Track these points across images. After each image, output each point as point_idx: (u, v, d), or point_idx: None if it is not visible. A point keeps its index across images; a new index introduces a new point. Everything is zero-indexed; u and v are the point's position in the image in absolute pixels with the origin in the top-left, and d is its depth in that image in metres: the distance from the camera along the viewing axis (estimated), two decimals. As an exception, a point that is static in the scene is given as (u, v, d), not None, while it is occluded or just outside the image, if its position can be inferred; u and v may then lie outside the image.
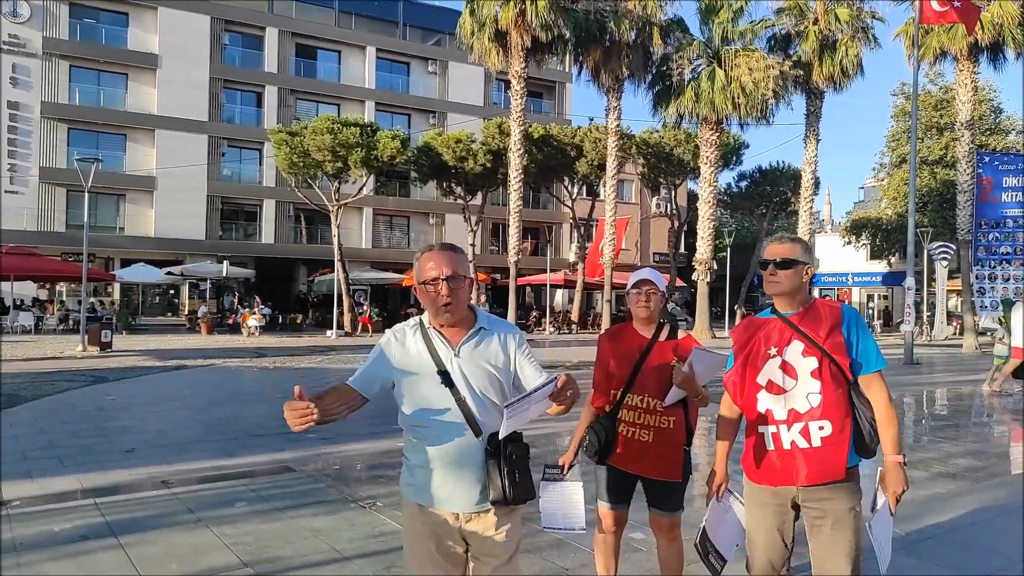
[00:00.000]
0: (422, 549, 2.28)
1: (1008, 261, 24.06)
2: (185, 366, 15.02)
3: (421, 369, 2.25)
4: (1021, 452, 7.62)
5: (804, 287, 2.61)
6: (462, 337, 2.27)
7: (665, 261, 40.37)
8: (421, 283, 2.25)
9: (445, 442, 2.21)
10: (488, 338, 2.30)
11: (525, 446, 2.24)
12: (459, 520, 2.25)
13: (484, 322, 2.33)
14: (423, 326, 2.32)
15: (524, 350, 2.34)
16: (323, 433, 7.88)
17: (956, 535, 4.58)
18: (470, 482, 2.22)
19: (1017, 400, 11.49)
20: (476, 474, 2.22)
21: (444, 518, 2.25)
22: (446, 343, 2.27)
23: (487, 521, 2.25)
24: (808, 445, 2.48)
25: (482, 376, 2.25)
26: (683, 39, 27.94)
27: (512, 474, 2.16)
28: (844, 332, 2.53)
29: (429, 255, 2.25)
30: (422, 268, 2.24)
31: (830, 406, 2.48)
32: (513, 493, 2.16)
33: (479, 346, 2.28)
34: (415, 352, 2.28)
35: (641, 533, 4.12)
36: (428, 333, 2.29)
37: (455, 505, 2.24)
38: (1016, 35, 23.31)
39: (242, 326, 26.22)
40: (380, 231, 38.36)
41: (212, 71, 33.94)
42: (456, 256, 2.26)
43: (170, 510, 4.93)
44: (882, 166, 44.89)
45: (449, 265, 2.21)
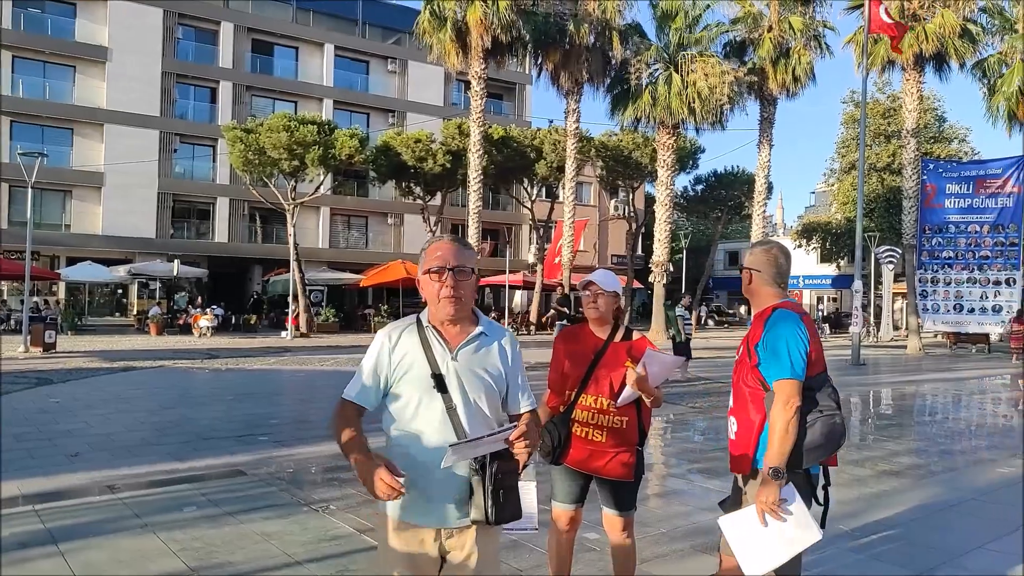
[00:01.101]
0: (398, 565, 2.13)
1: (950, 265, 24.94)
2: (133, 367, 14.62)
3: (413, 371, 2.10)
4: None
5: (749, 292, 2.83)
6: (462, 339, 2.14)
7: (622, 263, 40.77)
8: (425, 272, 2.13)
9: (430, 452, 2.05)
10: (488, 344, 2.18)
11: (514, 463, 2.06)
12: (438, 537, 2.11)
13: (485, 327, 2.20)
14: (420, 324, 2.17)
15: (520, 366, 2.25)
16: (276, 436, 7.77)
17: (900, 531, 4.73)
18: (452, 497, 2.08)
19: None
20: (459, 489, 2.07)
21: (422, 535, 2.11)
22: (444, 344, 2.13)
23: (467, 539, 2.11)
24: (730, 437, 2.77)
25: (477, 384, 2.12)
26: (641, 44, 28.26)
27: (496, 493, 2.02)
28: (760, 341, 2.62)
29: (437, 244, 2.15)
30: (428, 257, 2.13)
31: (740, 407, 2.67)
32: (496, 513, 2.02)
33: (478, 351, 2.15)
34: (409, 352, 2.12)
35: (595, 533, 4.15)
36: (425, 332, 2.14)
37: (434, 521, 2.09)
38: (958, 46, 24.19)
39: (193, 327, 25.65)
40: (337, 231, 37.91)
41: (164, 65, 33.11)
42: (463, 248, 2.15)
43: (115, 516, 4.79)
44: (832, 172, 46.20)
45: (457, 256, 2.11)
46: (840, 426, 2.57)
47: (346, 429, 2.09)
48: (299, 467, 6.33)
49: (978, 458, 7.35)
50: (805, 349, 2.55)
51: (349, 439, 2.07)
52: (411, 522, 2.11)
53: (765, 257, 2.76)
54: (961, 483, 6.19)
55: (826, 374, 2.66)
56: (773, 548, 2.53)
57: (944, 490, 5.88)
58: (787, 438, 2.48)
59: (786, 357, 2.54)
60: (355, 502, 5.07)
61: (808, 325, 2.63)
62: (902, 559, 4.20)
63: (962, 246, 24.82)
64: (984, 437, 8.85)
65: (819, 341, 2.66)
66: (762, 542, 2.53)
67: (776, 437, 2.49)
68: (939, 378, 15.89)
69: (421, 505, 2.09)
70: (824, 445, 2.55)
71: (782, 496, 2.50)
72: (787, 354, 2.54)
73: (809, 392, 2.57)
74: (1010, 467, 6.83)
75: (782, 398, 2.51)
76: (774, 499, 2.49)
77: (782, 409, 2.49)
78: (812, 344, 2.59)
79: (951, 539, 4.61)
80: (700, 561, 4.11)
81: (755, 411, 2.62)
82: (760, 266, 2.76)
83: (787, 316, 2.62)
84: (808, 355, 2.56)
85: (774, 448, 2.49)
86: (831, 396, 2.60)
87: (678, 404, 10.60)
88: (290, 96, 36.27)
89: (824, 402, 2.58)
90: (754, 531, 2.54)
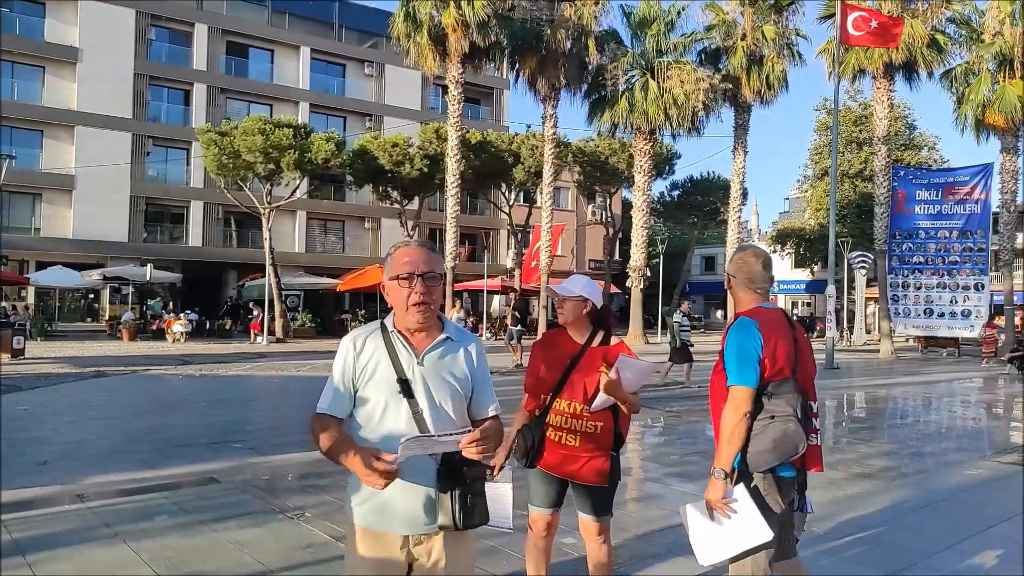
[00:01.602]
0: (365, 573, 2.11)
1: (920, 270, 25.39)
2: (104, 373, 14.38)
3: (379, 376, 2.08)
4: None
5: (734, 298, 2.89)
6: (428, 344, 2.11)
7: (600, 268, 40.97)
8: (393, 278, 2.08)
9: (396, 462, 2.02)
10: (454, 350, 2.16)
11: (483, 468, 2.08)
12: (407, 544, 2.09)
13: (452, 332, 2.17)
14: (385, 330, 2.14)
15: (485, 371, 2.23)
16: (250, 443, 7.68)
17: (872, 533, 4.79)
18: (419, 503, 2.06)
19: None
20: (427, 494, 2.05)
21: (389, 542, 2.08)
22: (410, 349, 2.10)
23: (435, 545, 2.10)
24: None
25: (444, 389, 2.09)
26: (618, 50, 28.47)
27: (464, 498, 2.01)
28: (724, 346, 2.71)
29: (405, 250, 2.11)
30: (396, 262, 2.09)
31: (715, 409, 2.77)
32: (464, 519, 2.00)
33: (444, 356, 2.13)
34: (374, 358, 2.09)
35: (572, 538, 4.16)
36: (391, 337, 2.11)
37: (403, 527, 2.07)
38: (926, 56, 24.70)
39: (167, 332, 25.29)
40: (314, 235, 37.63)
41: (137, 67, 32.65)
42: (432, 253, 2.11)
43: (85, 525, 4.70)
44: (806, 178, 46.81)
45: (425, 261, 2.07)
46: (794, 431, 2.58)
47: (327, 435, 2.06)
48: (274, 474, 6.26)
49: (947, 460, 7.48)
50: (756, 357, 2.59)
51: (335, 442, 2.05)
52: (378, 529, 2.09)
53: (738, 262, 2.81)
54: (931, 485, 6.29)
55: (793, 380, 2.65)
56: (722, 542, 2.66)
57: (915, 492, 5.98)
58: (732, 441, 2.58)
59: (736, 364, 2.62)
60: (331, 509, 5.03)
61: (766, 332, 2.63)
62: (874, 560, 4.25)
63: (932, 251, 25.29)
64: (953, 439, 9.01)
65: (787, 346, 2.66)
66: (713, 535, 2.67)
67: (723, 440, 2.61)
68: (910, 382, 16.15)
69: (388, 511, 2.07)
70: (773, 451, 2.58)
71: (733, 496, 2.60)
72: (737, 361, 2.61)
73: (765, 398, 2.60)
74: (978, 469, 6.96)
75: (731, 403, 2.61)
76: (718, 497, 2.60)
77: (730, 414, 2.60)
78: (767, 350, 2.60)
79: (921, 540, 4.68)
80: (676, 565, 4.13)
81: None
82: (734, 271, 2.81)
83: (742, 324, 2.67)
84: (761, 362, 2.59)
85: (720, 450, 2.61)
86: (790, 403, 2.61)
87: (655, 408, 10.66)
88: (265, 99, 35.97)
89: (780, 408, 2.59)
90: (707, 524, 2.69)
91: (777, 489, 2.65)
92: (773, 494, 2.64)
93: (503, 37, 26.14)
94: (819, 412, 2.84)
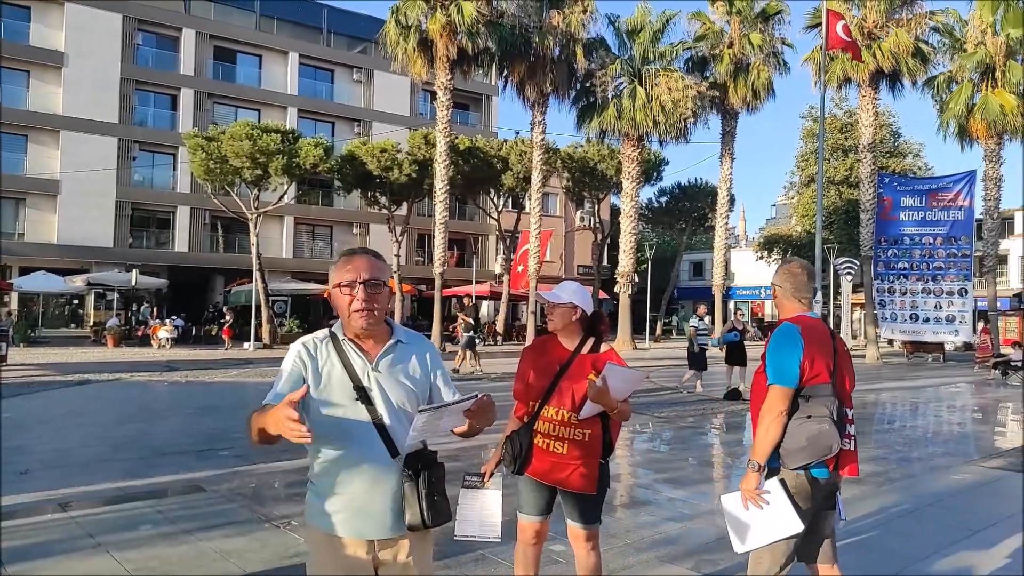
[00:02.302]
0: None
1: (905, 276, 25.60)
2: (89, 380, 14.23)
3: (334, 384, 2.08)
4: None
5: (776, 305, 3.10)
6: (379, 350, 2.14)
7: (589, 273, 41.02)
8: (336, 286, 2.11)
9: (359, 464, 2.06)
10: (406, 352, 2.19)
11: (441, 467, 2.14)
12: (372, 549, 2.10)
13: (401, 335, 2.20)
14: (335, 338, 2.16)
15: (440, 367, 2.25)
16: (237, 450, 7.61)
17: (861, 539, 4.80)
18: (385, 506, 2.08)
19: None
20: (392, 498, 2.08)
21: (355, 548, 2.09)
22: (363, 356, 2.12)
23: (401, 548, 2.12)
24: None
25: (401, 392, 2.12)
26: (606, 57, 28.60)
27: (431, 496, 2.06)
28: (766, 348, 2.89)
29: (347, 258, 2.14)
30: (339, 271, 2.12)
31: (754, 407, 2.92)
32: (432, 517, 2.06)
33: (398, 360, 2.16)
34: (328, 366, 2.10)
35: (561, 545, 4.13)
36: (342, 345, 2.13)
37: (368, 531, 2.08)
38: (910, 65, 24.97)
39: (152, 338, 25.07)
40: (302, 241, 37.47)
41: (124, 71, 32.44)
42: (376, 261, 2.14)
43: (67, 535, 4.63)
44: (792, 185, 47.14)
45: (368, 269, 2.10)
46: (828, 432, 2.72)
47: (257, 415, 1.93)
48: (261, 482, 6.20)
49: (934, 465, 7.52)
50: (797, 359, 2.76)
51: (263, 418, 1.88)
52: (342, 535, 2.09)
53: (785, 273, 3.02)
54: (918, 489, 6.32)
55: (831, 385, 2.80)
56: (758, 531, 2.80)
57: (902, 496, 6.00)
58: (767, 437, 2.75)
59: (776, 365, 2.79)
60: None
61: (808, 337, 2.80)
62: (864, 565, 4.26)
63: (917, 257, 25.51)
64: (940, 444, 9.06)
65: (826, 353, 2.83)
66: (748, 525, 2.83)
67: (758, 435, 2.79)
68: (897, 386, 16.26)
69: (352, 517, 2.08)
70: (807, 448, 2.73)
71: (766, 488, 2.77)
72: (778, 363, 2.78)
73: (802, 399, 2.77)
74: (964, 473, 7.00)
75: (769, 402, 2.77)
76: (751, 487, 2.78)
77: (767, 412, 2.76)
78: (807, 355, 2.76)
79: (910, 545, 4.70)
80: (667, 571, 4.12)
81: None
82: (781, 282, 3.01)
83: (786, 329, 2.85)
84: (801, 365, 2.75)
85: (756, 444, 2.80)
86: (826, 405, 2.75)
87: (644, 414, 10.66)
88: (253, 104, 35.81)
89: (815, 410, 2.74)
90: (742, 514, 2.84)
91: (809, 488, 2.79)
92: (804, 492, 2.78)
93: (492, 43, 26.20)
94: (854, 419, 2.95)
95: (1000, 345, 24.63)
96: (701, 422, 10.36)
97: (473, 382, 15.23)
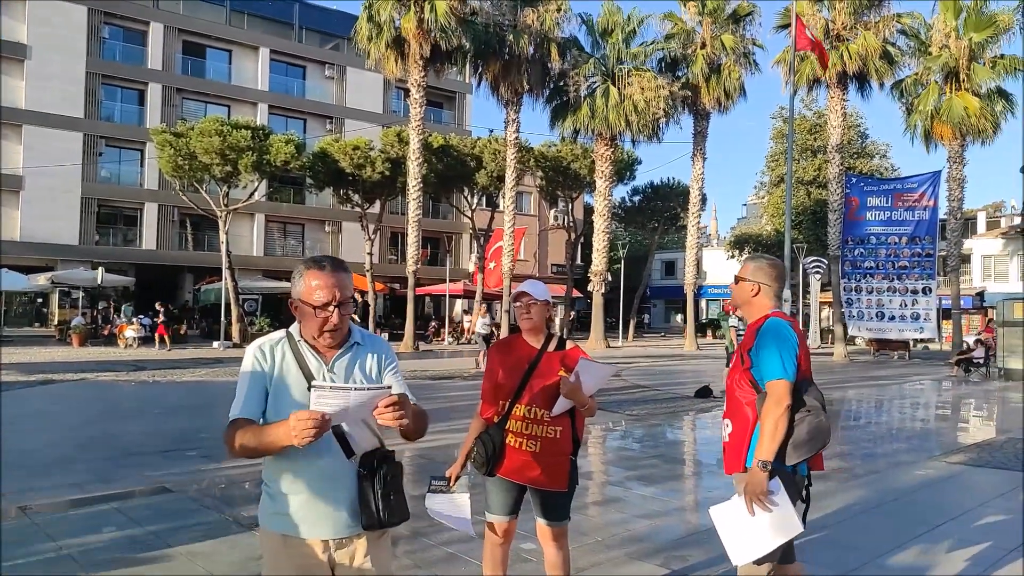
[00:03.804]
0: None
1: (871, 275, 26.08)
2: (52, 380, 13.93)
3: (289, 385, 2.07)
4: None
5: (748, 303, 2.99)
6: (335, 352, 2.13)
7: (562, 272, 41.16)
8: (306, 304, 2.06)
9: (314, 464, 2.04)
10: (362, 354, 2.18)
11: (399, 465, 2.14)
12: (328, 548, 2.08)
13: (358, 337, 2.19)
14: (292, 339, 2.14)
15: (395, 369, 2.23)
16: (204, 451, 7.51)
17: (825, 533, 4.88)
18: (341, 506, 2.07)
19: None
20: (347, 497, 2.07)
21: (311, 549, 2.07)
22: (318, 357, 2.11)
23: (358, 548, 2.11)
24: (723, 440, 2.94)
25: None
26: (580, 56, 28.70)
27: (387, 496, 2.05)
28: (754, 347, 2.80)
29: (318, 274, 2.06)
30: (307, 288, 2.06)
31: (734, 409, 2.84)
32: (388, 515, 2.05)
33: (354, 362, 2.15)
34: (283, 367, 2.10)
35: (531, 543, 4.14)
36: (299, 347, 2.12)
37: (324, 531, 2.07)
38: (878, 67, 25.42)
39: (119, 337, 24.61)
40: (273, 238, 37.06)
41: (89, 65, 31.80)
42: (345, 276, 2.10)
43: (26, 538, 4.53)
44: (763, 185, 47.75)
45: (342, 289, 2.06)
46: (825, 425, 2.73)
47: (244, 431, 2.01)
48: (230, 483, 6.13)
49: (898, 461, 7.67)
50: (796, 353, 2.75)
51: (253, 432, 1.99)
52: (298, 536, 2.08)
53: (770, 270, 2.97)
54: (883, 485, 6.44)
55: (810, 379, 2.84)
56: (758, 538, 2.66)
57: (867, 492, 6.11)
58: (776, 433, 2.65)
59: (779, 359, 2.71)
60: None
61: (797, 332, 2.83)
62: (827, 560, 4.33)
63: (882, 256, 26.01)
64: (904, 440, 9.25)
65: (807, 348, 2.86)
66: (748, 532, 2.68)
67: (767, 432, 2.66)
68: (864, 384, 16.55)
69: (308, 517, 2.06)
70: (809, 443, 2.71)
71: (769, 488, 2.65)
72: (779, 357, 2.72)
73: (796, 393, 2.74)
74: (927, 469, 7.16)
75: (774, 397, 2.68)
76: (762, 489, 2.63)
77: (773, 407, 2.66)
78: (801, 349, 2.78)
79: (872, 539, 4.79)
80: (636, 568, 4.15)
81: (749, 414, 2.78)
82: (768, 280, 2.95)
83: (780, 323, 2.83)
84: (797, 359, 2.75)
85: (764, 442, 2.66)
86: (817, 398, 2.77)
87: (615, 412, 10.72)
88: (223, 100, 35.33)
89: (811, 402, 2.75)
90: (742, 521, 2.69)
91: (798, 484, 2.77)
92: (796, 489, 2.74)
93: (466, 41, 26.13)
94: None
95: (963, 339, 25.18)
96: (672, 419, 10.46)
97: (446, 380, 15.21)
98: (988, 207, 50.47)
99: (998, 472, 7.00)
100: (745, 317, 3.02)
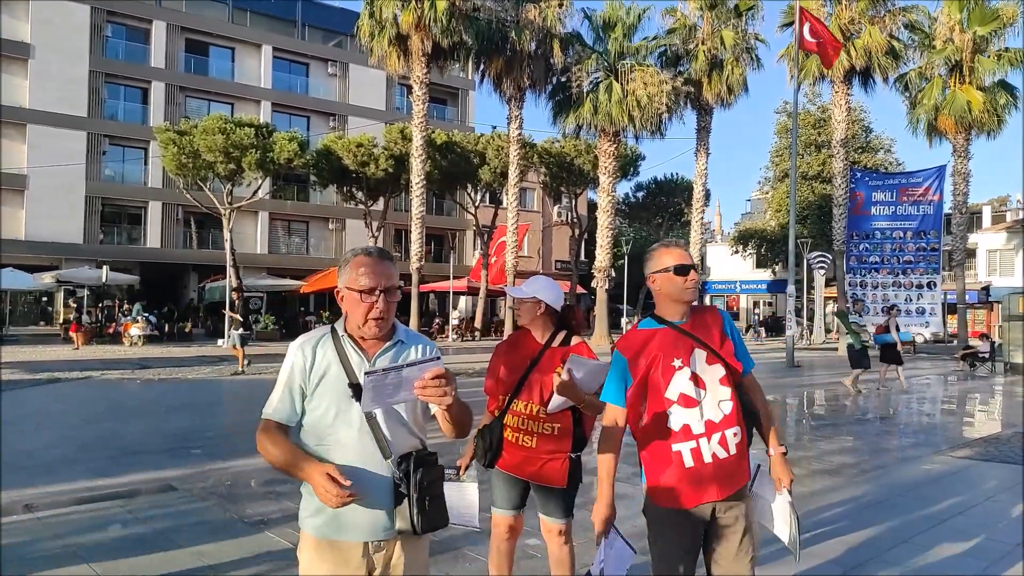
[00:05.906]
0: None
1: (876, 270, 26.02)
2: (58, 379, 13.96)
3: (329, 381, 2.05)
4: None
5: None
6: (379, 348, 2.09)
7: (566, 268, 41.13)
8: (353, 290, 2.04)
9: (350, 464, 2.00)
10: (405, 352, 2.12)
11: (440, 469, 2.08)
12: (367, 552, 2.05)
13: (403, 335, 2.15)
14: (336, 334, 2.11)
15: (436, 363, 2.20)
16: (210, 449, 7.52)
17: (831, 529, 4.86)
18: (377, 508, 2.03)
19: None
20: (383, 499, 2.03)
21: (349, 552, 2.04)
22: (361, 354, 2.07)
23: (395, 551, 2.08)
24: (727, 454, 2.42)
25: None
26: (582, 52, 28.64)
27: (422, 501, 2.00)
28: (730, 336, 2.53)
29: (366, 261, 2.06)
30: (355, 274, 2.04)
31: (736, 412, 2.47)
32: (422, 522, 2.00)
33: (396, 359, 2.09)
34: (324, 363, 2.06)
35: (536, 539, 4.13)
36: (342, 342, 2.09)
37: (361, 534, 2.03)
38: (883, 62, 25.32)
39: (123, 336, 24.67)
40: (277, 236, 37.10)
41: (92, 64, 31.85)
42: (391, 266, 2.10)
43: (32, 537, 4.54)
44: (767, 180, 47.57)
45: (388, 277, 2.05)
46: None
47: (277, 448, 2.02)
48: (235, 481, 6.13)
49: (905, 456, 7.64)
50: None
51: (287, 456, 2.00)
52: (335, 539, 2.05)
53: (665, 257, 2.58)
54: (889, 480, 6.42)
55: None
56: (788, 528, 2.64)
57: (874, 487, 6.09)
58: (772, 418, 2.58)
59: (745, 350, 2.59)
60: (294, 517, 4.88)
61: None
62: (834, 555, 4.32)
63: (887, 251, 25.94)
64: (910, 435, 9.21)
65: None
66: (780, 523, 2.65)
67: (774, 418, 2.57)
68: (870, 379, 16.49)
69: (345, 520, 2.03)
70: None
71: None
72: (745, 347, 2.60)
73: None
74: (932, 463, 7.13)
75: (759, 386, 2.60)
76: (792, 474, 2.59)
77: (763, 396, 2.58)
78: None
79: (879, 535, 4.77)
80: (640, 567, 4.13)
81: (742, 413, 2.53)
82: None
83: (723, 310, 2.71)
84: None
85: (775, 428, 2.56)
86: None
87: (620, 408, 10.69)
88: (226, 98, 35.36)
89: None
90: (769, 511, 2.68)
91: None
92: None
93: (468, 38, 26.10)
94: None
95: (968, 337, 25.11)
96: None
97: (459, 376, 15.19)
98: (993, 201, 50.29)
99: (1004, 467, 6.97)
100: (680, 309, 2.54)
